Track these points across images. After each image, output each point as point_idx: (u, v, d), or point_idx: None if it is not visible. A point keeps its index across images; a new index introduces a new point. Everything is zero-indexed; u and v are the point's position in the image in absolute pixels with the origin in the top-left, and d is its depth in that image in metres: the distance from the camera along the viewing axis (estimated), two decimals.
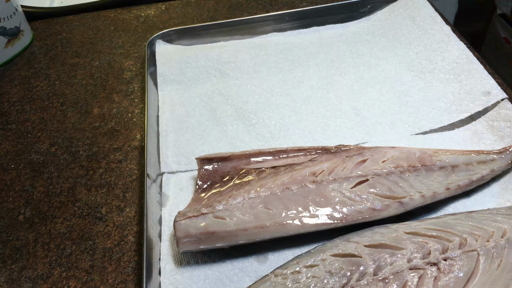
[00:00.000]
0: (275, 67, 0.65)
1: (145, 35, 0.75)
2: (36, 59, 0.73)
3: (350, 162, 0.47)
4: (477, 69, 0.58)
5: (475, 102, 0.55)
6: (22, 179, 0.55)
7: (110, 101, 0.64)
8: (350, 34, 0.69)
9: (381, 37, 0.67)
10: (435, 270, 0.38)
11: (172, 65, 0.65)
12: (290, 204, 0.44)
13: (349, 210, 0.43)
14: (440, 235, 0.41)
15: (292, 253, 0.44)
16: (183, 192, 0.51)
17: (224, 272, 0.43)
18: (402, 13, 0.69)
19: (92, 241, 0.48)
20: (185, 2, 0.81)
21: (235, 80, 0.63)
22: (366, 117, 0.56)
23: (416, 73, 0.61)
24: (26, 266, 0.47)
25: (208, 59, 0.66)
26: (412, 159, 0.47)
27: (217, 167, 0.49)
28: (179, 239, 0.42)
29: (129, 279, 0.45)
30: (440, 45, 0.63)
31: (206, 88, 0.63)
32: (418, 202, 0.44)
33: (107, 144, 0.58)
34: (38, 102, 0.65)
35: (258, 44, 0.68)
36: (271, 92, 0.61)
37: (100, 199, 0.52)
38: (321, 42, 0.68)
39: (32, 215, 0.52)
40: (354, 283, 0.38)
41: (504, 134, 0.52)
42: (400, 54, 0.64)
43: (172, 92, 0.62)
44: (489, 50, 1.32)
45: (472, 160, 0.47)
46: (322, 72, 0.63)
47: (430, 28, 0.65)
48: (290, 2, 0.78)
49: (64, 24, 0.79)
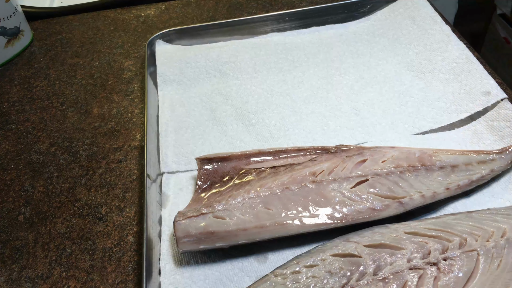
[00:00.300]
0: (275, 67, 0.65)
1: (145, 35, 0.75)
2: (36, 59, 0.73)
3: (350, 162, 0.47)
4: (477, 69, 0.58)
5: (475, 102, 0.55)
6: (22, 179, 0.55)
7: (110, 101, 0.64)
8: (350, 34, 0.69)
9: (381, 37, 0.67)
10: (435, 270, 0.38)
11: (172, 65, 0.65)
12: (290, 204, 0.44)
13: (349, 210, 0.43)
14: (440, 235, 0.41)
15: (292, 253, 0.44)
16: (183, 192, 0.51)
17: (224, 272, 0.43)
18: (402, 13, 0.69)
19: (92, 241, 0.48)
20: (185, 2, 0.81)
21: (235, 80, 0.63)
22: (366, 117, 0.56)
23: (416, 73, 0.61)
24: (26, 266, 0.47)
25: (208, 59, 0.65)
26: (412, 159, 0.47)
27: (217, 167, 0.49)
28: (179, 239, 0.42)
29: (129, 279, 0.45)
30: (440, 45, 0.63)
31: (206, 88, 0.63)
32: (418, 202, 0.44)
33: (107, 144, 0.58)
34: (38, 102, 0.65)
35: (258, 44, 0.68)
36: (271, 92, 0.61)
37: (100, 199, 0.52)
38: (321, 42, 0.68)
39: (32, 215, 0.52)
40: (354, 283, 0.38)
41: (504, 134, 0.52)
42: (400, 54, 0.64)
43: (172, 92, 0.62)
44: (489, 50, 1.33)
45: (472, 160, 0.47)
46: (322, 72, 0.63)
47: (430, 28, 0.65)
48: (290, 2, 0.78)
49: (64, 24, 0.79)
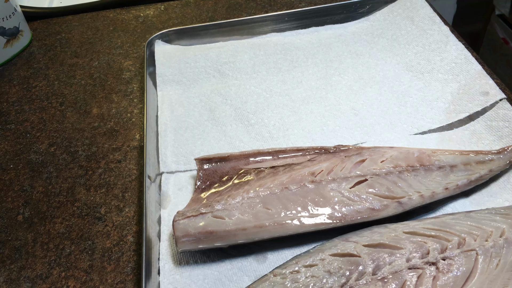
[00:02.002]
0: (274, 67, 0.65)
1: (144, 35, 0.75)
2: (35, 59, 0.73)
3: (349, 162, 0.47)
4: (476, 69, 0.59)
5: (474, 102, 0.55)
6: (21, 179, 0.55)
7: (109, 101, 0.64)
8: (349, 35, 0.69)
9: (380, 37, 0.67)
10: (434, 270, 0.39)
11: (171, 65, 0.65)
12: (289, 203, 0.44)
13: (348, 210, 0.43)
14: (438, 235, 0.41)
15: (291, 252, 0.44)
16: (182, 192, 0.51)
17: (223, 272, 0.43)
18: (400, 13, 0.69)
19: (91, 241, 0.48)
20: (184, 2, 0.81)
21: (234, 80, 0.63)
22: (365, 117, 0.57)
23: (415, 73, 0.61)
24: (25, 266, 0.47)
25: (207, 59, 0.66)
26: (410, 159, 0.47)
27: (216, 167, 0.50)
28: (178, 239, 0.42)
29: (128, 279, 0.45)
30: (438, 45, 0.63)
31: (205, 88, 0.63)
32: (416, 202, 0.44)
33: (106, 144, 0.58)
34: (37, 102, 0.65)
35: (257, 44, 0.68)
36: (270, 92, 0.61)
37: (99, 199, 0.52)
38: (320, 42, 0.68)
39: (31, 215, 0.52)
40: (353, 282, 0.38)
41: (503, 134, 0.52)
42: (399, 55, 0.64)
43: (171, 92, 0.62)
44: (487, 51, 1.33)
45: (471, 160, 0.48)
46: (321, 72, 0.63)
47: (429, 28, 0.65)
48: (289, 2, 0.78)
49: (63, 24, 0.79)
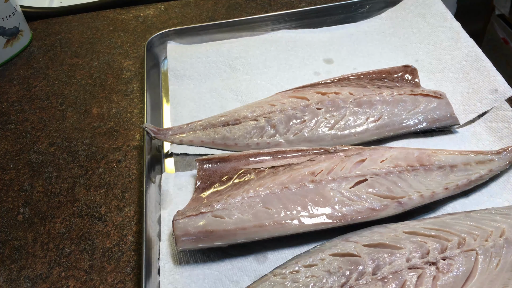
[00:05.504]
0: (285, 64, 0.65)
1: (144, 35, 0.75)
2: (35, 59, 0.73)
3: (349, 162, 0.47)
4: (486, 66, 0.58)
5: (483, 101, 0.55)
6: (21, 179, 0.55)
7: (109, 101, 0.64)
8: (361, 34, 0.68)
9: (392, 36, 0.67)
10: (434, 270, 0.39)
11: (183, 59, 0.65)
12: (289, 203, 0.44)
13: (348, 210, 0.43)
14: (438, 235, 0.41)
15: (291, 252, 0.44)
16: (182, 192, 0.51)
17: (223, 272, 0.43)
18: (413, 10, 0.68)
19: (91, 241, 0.48)
20: (184, 2, 0.81)
21: (245, 75, 0.63)
22: None
23: (426, 73, 0.61)
24: (25, 266, 0.47)
25: (218, 54, 0.66)
26: (410, 159, 0.47)
27: (216, 167, 0.50)
28: (178, 238, 0.42)
29: (128, 278, 0.45)
30: (449, 43, 0.62)
31: (216, 83, 0.63)
32: (416, 202, 0.44)
33: (106, 144, 0.58)
34: (37, 102, 0.65)
35: (268, 40, 0.68)
36: (280, 88, 0.61)
37: (99, 199, 0.52)
38: (331, 41, 0.68)
39: (31, 215, 0.52)
40: (353, 282, 0.38)
41: (503, 135, 0.52)
42: (410, 54, 0.64)
43: (182, 87, 0.63)
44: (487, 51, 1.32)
45: (471, 160, 0.48)
46: (332, 71, 0.63)
47: (440, 25, 0.65)
48: (289, 2, 0.78)
49: (63, 24, 0.79)
